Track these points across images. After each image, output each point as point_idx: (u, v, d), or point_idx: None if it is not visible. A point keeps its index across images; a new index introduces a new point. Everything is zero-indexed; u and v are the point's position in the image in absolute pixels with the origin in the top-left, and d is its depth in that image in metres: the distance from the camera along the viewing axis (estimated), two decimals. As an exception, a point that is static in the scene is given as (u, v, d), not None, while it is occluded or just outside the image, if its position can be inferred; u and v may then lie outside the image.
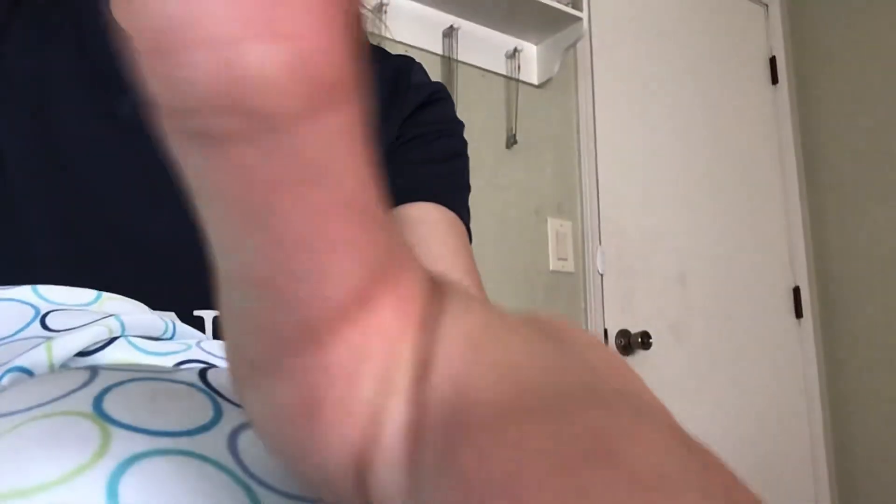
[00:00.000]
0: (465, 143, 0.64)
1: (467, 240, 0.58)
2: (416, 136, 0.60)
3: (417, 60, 0.67)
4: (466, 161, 0.64)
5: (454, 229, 0.57)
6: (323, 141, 0.15)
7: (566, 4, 1.83)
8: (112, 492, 0.21)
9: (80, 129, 0.51)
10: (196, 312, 0.49)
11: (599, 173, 2.05)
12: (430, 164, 0.59)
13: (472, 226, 0.71)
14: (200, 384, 0.29)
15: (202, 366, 0.34)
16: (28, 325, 0.37)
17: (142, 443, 0.23)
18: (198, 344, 0.39)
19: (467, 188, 0.63)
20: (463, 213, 0.59)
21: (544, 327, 0.21)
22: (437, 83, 0.66)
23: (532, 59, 1.96)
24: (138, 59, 0.14)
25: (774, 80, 2.61)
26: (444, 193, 0.58)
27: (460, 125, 0.65)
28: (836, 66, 2.56)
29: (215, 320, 0.49)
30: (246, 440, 0.25)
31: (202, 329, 0.48)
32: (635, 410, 0.19)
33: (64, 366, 0.33)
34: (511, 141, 1.88)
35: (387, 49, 0.68)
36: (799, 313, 2.47)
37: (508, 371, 0.17)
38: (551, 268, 1.92)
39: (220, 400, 0.28)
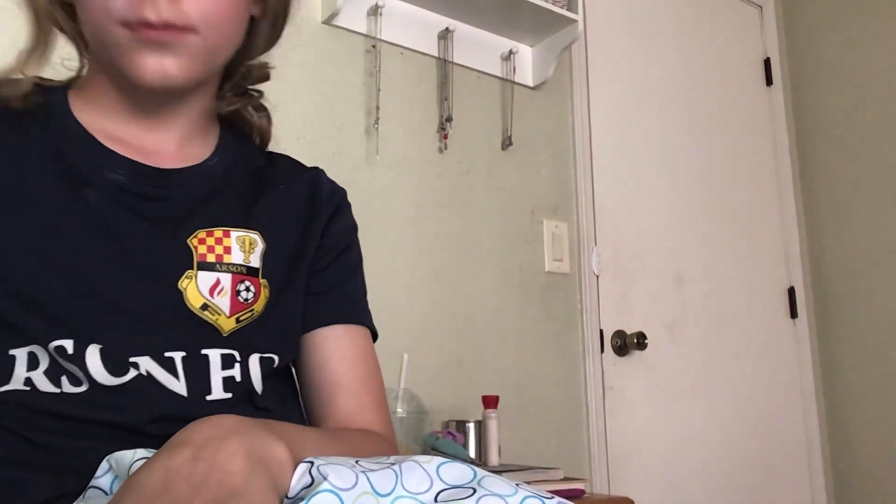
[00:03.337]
0: (359, 249, 0.83)
1: (367, 344, 0.78)
2: (331, 244, 0.78)
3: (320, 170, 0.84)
4: (362, 264, 0.82)
5: (356, 341, 0.77)
6: None
7: (561, 7, 1.84)
8: None
9: (52, 217, 0.63)
10: (167, 354, 0.63)
11: (594, 175, 2.06)
12: (338, 284, 0.77)
13: (468, 227, 0.96)
14: None
15: None
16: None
17: None
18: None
19: (365, 291, 0.81)
20: (362, 316, 0.79)
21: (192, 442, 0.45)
22: (342, 190, 0.83)
23: (527, 61, 1.97)
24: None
25: (769, 81, 2.62)
26: (349, 310, 0.78)
27: (356, 229, 0.83)
28: (830, 68, 2.57)
29: (183, 359, 0.63)
30: None
31: (174, 367, 0.62)
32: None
33: None
34: (506, 143, 1.89)
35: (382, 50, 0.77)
36: (794, 313, 2.48)
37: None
38: (547, 269, 1.92)
39: None
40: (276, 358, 0.70)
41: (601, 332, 1.98)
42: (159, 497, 0.42)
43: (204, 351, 0.65)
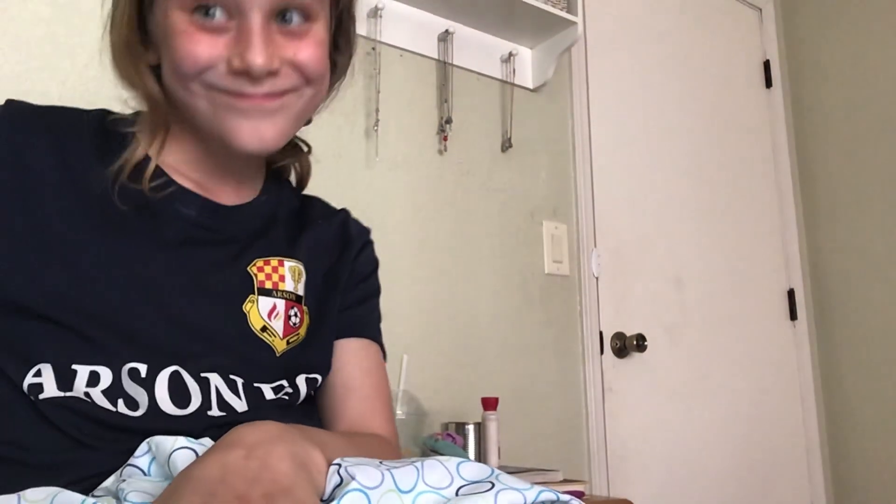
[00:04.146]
0: (379, 282, 0.91)
1: (379, 359, 0.86)
2: (357, 273, 0.86)
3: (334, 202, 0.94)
4: (379, 293, 0.91)
5: (370, 354, 0.85)
6: None
7: (561, 9, 1.84)
8: None
9: (134, 247, 0.70)
10: (231, 376, 0.70)
11: (594, 176, 2.06)
12: (358, 306, 0.86)
13: (467, 229, 1.60)
14: None
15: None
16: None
17: None
18: None
19: (380, 318, 0.90)
20: (377, 336, 0.87)
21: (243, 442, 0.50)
22: (367, 229, 0.92)
23: (527, 63, 1.97)
24: None
25: (768, 83, 2.63)
26: (367, 328, 0.86)
27: (378, 265, 0.91)
28: (829, 69, 2.57)
29: (243, 385, 0.70)
30: None
31: (237, 388, 0.69)
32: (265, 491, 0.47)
33: None
34: (506, 145, 1.89)
35: (382, 56, 0.81)
36: (793, 315, 2.48)
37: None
38: (546, 271, 1.92)
39: None
40: (318, 378, 0.78)
41: (601, 333, 1.98)
42: (217, 488, 0.47)
43: (257, 384, 0.71)
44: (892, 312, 2.33)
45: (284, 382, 0.74)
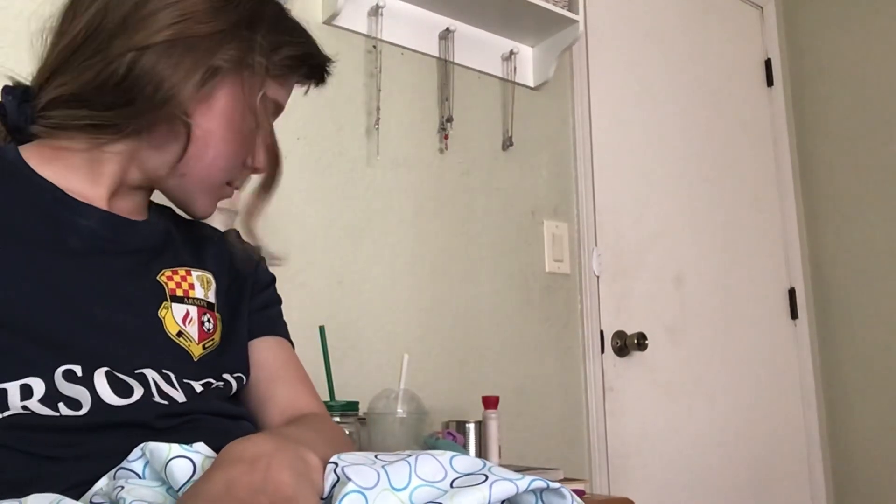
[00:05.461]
0: (277, 292, 0.98)
1: (292, 350, 0.95)
2: (259, 282, 0.93)
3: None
4: (281, 302, 0.98)
5: (284, 347, 0.93)
6: None
7: (562, 7, 1.84)
8: None
9: (43, 258, 0.70)
10: (164, 370, 0.72)
11: (595, 175, 2.06)
12: (264, 309, 0.93)
13: (468, 228, 1.69)
14: None
15: None
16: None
17: None
18: None
19: (285, 322, 0.97)
20: (285, 334, 0.95)
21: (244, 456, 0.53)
22: (256, 247, 0.96)
23: (528, 62, 1.97)
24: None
25: (770, 82, 2.62)
26: (275, 328, 0.94)
27: (274, 278, 0.98)
28: (831, 68, 2.57)
29: (175, 377, 0.73)
30: None
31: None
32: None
33: None
34: (507, 143, 1.89)
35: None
36: (794, 315, 2.48)
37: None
38: (547, 269, 1.92)
39: None
40: (244, 377, 0.84)
41: (601, 332, 1.98)
42: (224, 500, 0.50)
43: (187, 380, 0.74)
44: (893, 311, 2.33)
45: (211, 379, 0.77)
